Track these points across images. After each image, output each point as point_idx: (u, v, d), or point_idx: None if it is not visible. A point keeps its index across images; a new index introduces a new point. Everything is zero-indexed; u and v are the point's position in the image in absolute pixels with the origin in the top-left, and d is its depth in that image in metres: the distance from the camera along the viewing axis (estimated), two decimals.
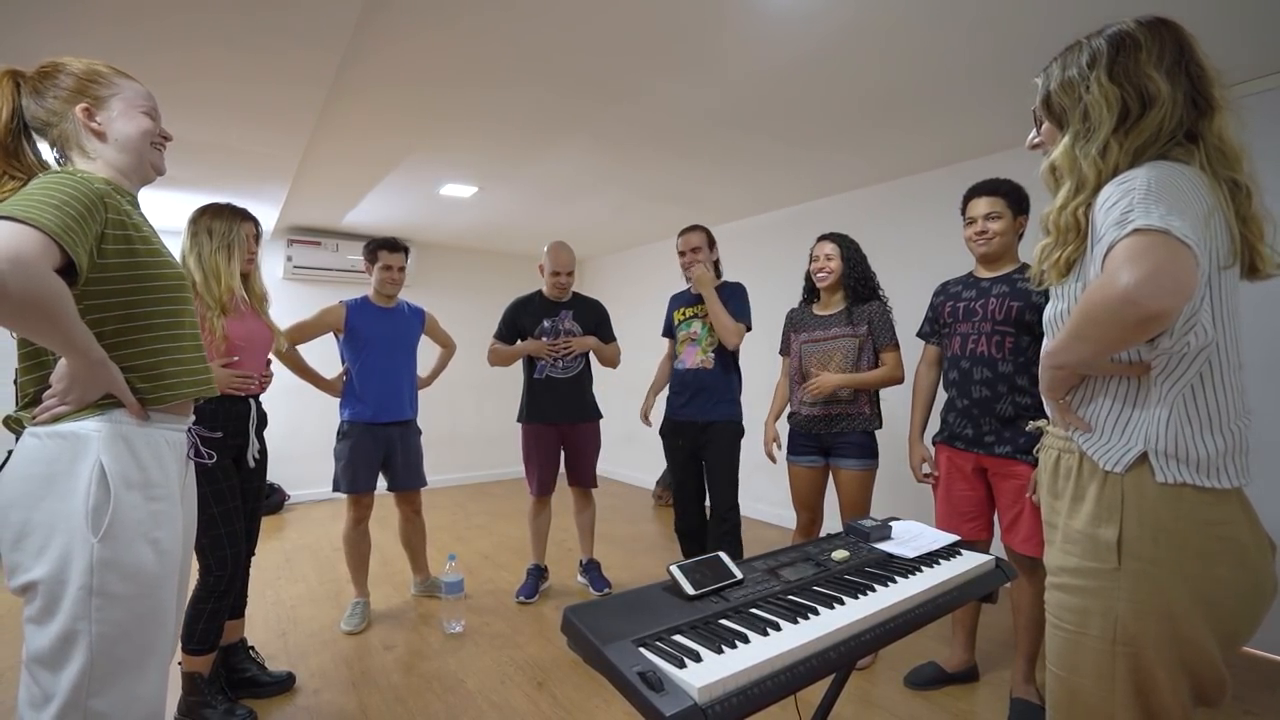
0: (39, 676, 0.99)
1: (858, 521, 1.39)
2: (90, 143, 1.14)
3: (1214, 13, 1.98)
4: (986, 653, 2.34)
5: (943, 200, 3.11)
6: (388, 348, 2.76)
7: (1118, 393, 0.92)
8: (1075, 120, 0.95)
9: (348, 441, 2.70)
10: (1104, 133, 0.91)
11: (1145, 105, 0.89)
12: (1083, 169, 0.92)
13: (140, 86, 1.21)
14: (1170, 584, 0.86)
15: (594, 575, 3.06)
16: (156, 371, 1.13)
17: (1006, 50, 2.19)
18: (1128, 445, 0.90)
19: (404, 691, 2.15)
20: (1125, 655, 0.87)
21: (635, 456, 5.71)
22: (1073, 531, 0.94)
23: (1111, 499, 0.90)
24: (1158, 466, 0.87)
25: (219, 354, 1.92)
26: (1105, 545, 0.90)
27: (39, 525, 1.00)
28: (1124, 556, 0.88)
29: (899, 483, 3.31)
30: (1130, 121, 0.90)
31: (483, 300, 5.50)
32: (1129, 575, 0.88)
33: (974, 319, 1.98)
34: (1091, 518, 0.92)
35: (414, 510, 2.92)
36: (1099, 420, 0.94)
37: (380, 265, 2.74)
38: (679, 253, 2.77)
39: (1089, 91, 0.92)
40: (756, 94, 2.57)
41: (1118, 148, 0.90)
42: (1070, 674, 0.93)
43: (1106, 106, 0.91)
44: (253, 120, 2.67)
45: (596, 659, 0.86)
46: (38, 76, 1.13)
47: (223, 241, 1.93)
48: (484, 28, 2.06)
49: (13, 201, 0.94)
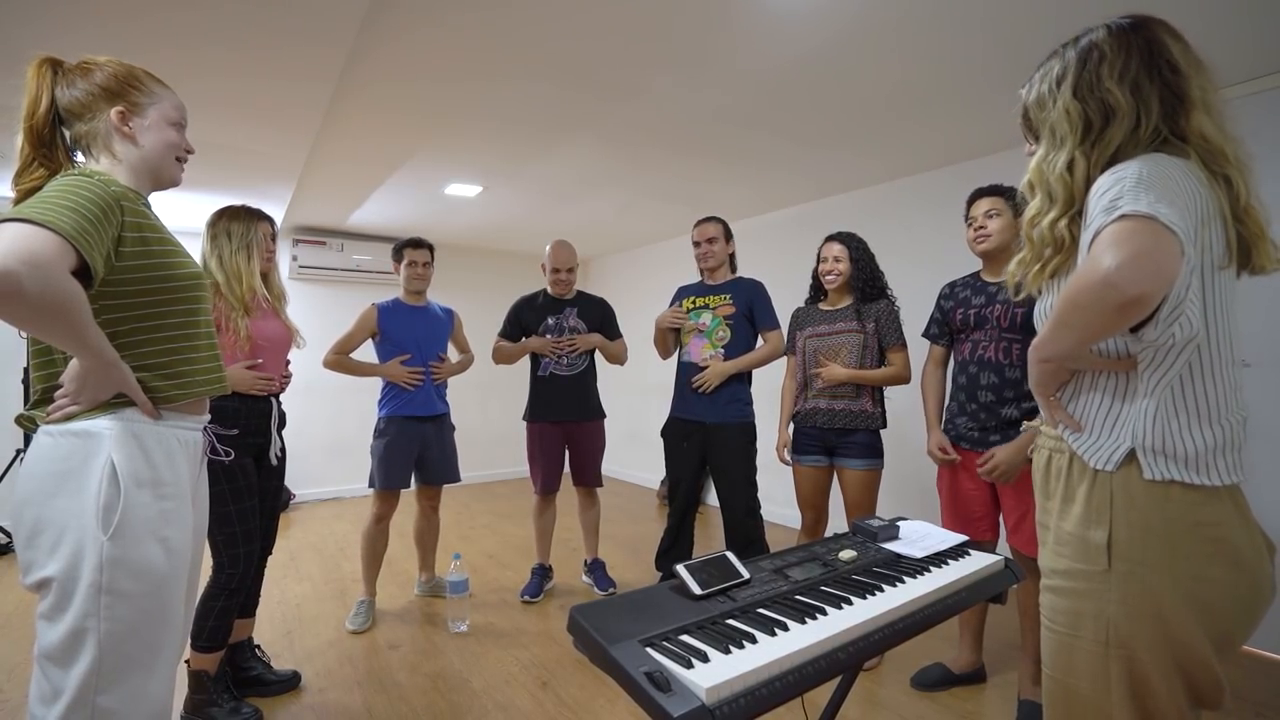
0: (49, 672, 1.00)
1: (865, 521, 1.38)
2: (119, 145, 1.14)
3: (1213, 12, 1.97)
4: (994, 654, 2.32)
5: (950, 199, 3.10)
6: (419, 345, 2.80)
7: (1105, 388, 0.92)
8: (1045, 135, 0.97)
9: (384, 439, 2.73)
10: (1069, 148, 0.93)
11: (1107, 119, 0.90)
12: (1050, 183, 0.94)
13: (176, 98, 1.22)
14: (1160, 586, 0.85)
15: (599, 575, 3.05)
16: (171, 370, 1.13)
17: (1013, 47, 2.17)
18: (1116, 442, 0.89)
19: (409, 691, 2.15)
20: (1119, 658, 0.87)
21: (640, 456, 5.70)
22: (1063, 533, 0.94)
23: (1100, 500, 0.89)
24: (1145, 463, 0.87)
25: (243, 354, 1.95)
26: (1095, 547, 0.89)
27: (51, 522, 1.00)
28: (1114, 558, 0.87)
29: (904, 483, 3.29)
30: (1094, 134, 0.91)
31: (487, 300, 5.48)
32: (1119, 577, 0.87)
33: (985, 326, 1.98)
34: (1081, 519, 0.91)
35: (433, 506, 2.95)
36: (1088, 417, 0.93)
37: (406, 262, 2.83)
38: (694, 243, 2.72)
39: (1054, 108, 0.95)
40: (762, 92, 2.56)
41: (1085, 161, 0.92)
42: (1065, 676, 0.93)
43: (1069, 123, 0.93)
44: (258, 119, 2.68)
45: (603, 659, 0.85)
46: (77, 70, 1.13)
47: (242, 242, 1.97)
48: (489, 26, 2.06)
49: (31, 204, 0.95)
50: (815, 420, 2.36)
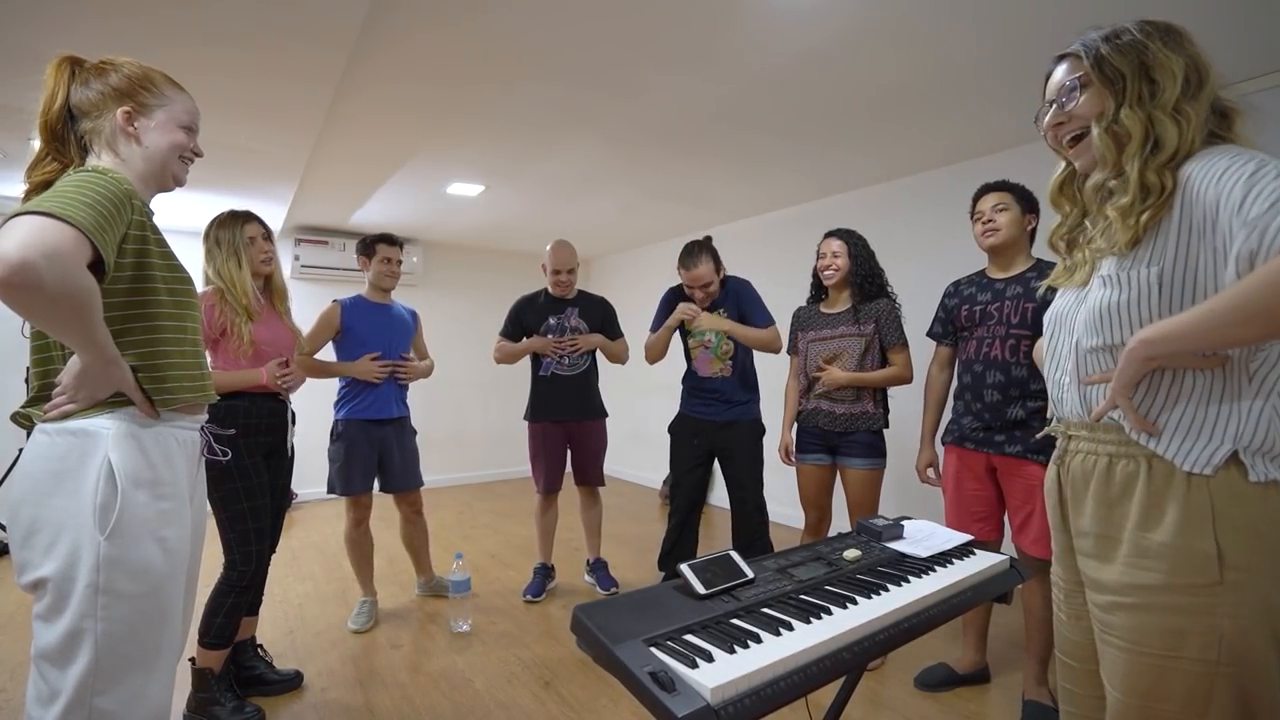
0: (46, 673, 0.99)
1: (870, 520, 1.38)
2: (123, 145, 1.14)
3: (1214, 12, 1.97)
4: (998, 654, 2.31)
5: (951, 198, 3.09)
6: (380, 345, 2.71)
7: (1196, 387, 0.85)
8: (1135, 81, 0.90)
9: (342, 443, 2.66)
10: (1173, 94, 0.87)
11: (1202, 79, 0.87)
12: (1163, 126, 0.87)
13: (190, 103, 1.22)
14: (1272, 594, 0.80)
15: (601, 574, 3.05)
16: (157, 374, 1.12)
17: (1015, 47, 2.16)
18: (1215, 444, 0.83)
19: (411, 690, 2.15)
20: (1227, 675, 0.80)
21: (642, 456, 5.69)
22: (1152, 545, 0.86)
23: (1200, 503, 0.83)
24: (1249, 464, 0.81)
25: (246, 359, 1.95)
26: (1203, 557, 0.82)
27: (48, 522, 1.00)
28: (1225, 568, 0.81)
29: (908, 482, 3.28)
30: (1192, 91, 0.88)
31: (489, 299, 5.50)
32: (1231, 588, 0.80)
33: (989, 322, 1.96)
34: (1178, 529, 0.84)
35: (415, 511, 2.89)
36: (1173, 420, 0.87)
37: (379, 258, 2.73)
38: (688, 286, 2.61)
39: (1150, 55, 0.89)
40: (764, 91, 2.55)
41: (1192, 114, 0.86)
42: (1148, 701, 0.86)
43: (1173, 70, 0.88)
44: (261, 119, 2.68)
45: (607, 658, 0.85)
46: (93, 70, 1.14)
47: (230, 249, 1.98)
48: (491, 25, 2.05)
49: (47, 197, 0.95)
50: (817, 421, 2.36)
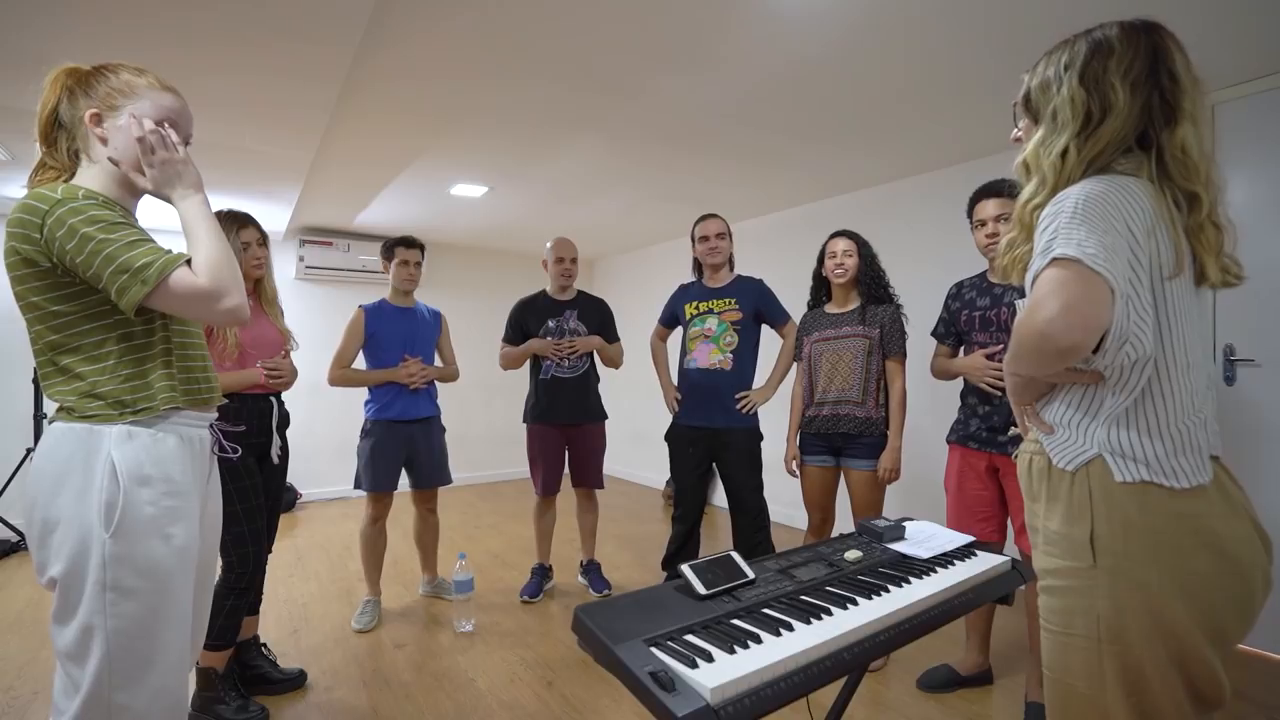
0: (68, 668, 1.02)
1: (871, 521, 1.38)
2: (95, 148, 1.12)
3: (1211, 14, 1.96)
4: (1001, 655, 2.31)
5: (955, 198, 3.06)
6: (407, 347, 2.77)
7: (1073, 400, 0.95)
8: (1046, 119, 0.98)
9: (370, 440, 2.71)
10: (1067, 135, 0.94)
11: (1105, 114, 0.91)
12: (1044, 168, 0.96)
13: (166, 99, 1.15)
14: (1147, 578, 0.85)
15: (594, 576, 3.05)
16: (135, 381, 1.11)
17: (1019, 46, 2.16)
18: (1083, 446, 0.92)
19: (414, 690, 2.15)
20: (1112, 653, 0.87)
21: (645, 457, 5.70)
22: (1050, 532, 0.95)
23: (1080, 496, 0.91)
24: (1114, 467, 0.89)
25: (231, 360, 1.96)
26: (1079, 543, 0.90)
27: (57, 522, 1.02)
28: (1098, 553, 0.88)
29: (912, 483, 3.27)
30: (1091, 128, 0.92)
31: (492, 300, 5.51)
32: (1105, 572, 0.88)
33: (990, 329, 1.98)
34: (1064, 517, 0.92)
35: (429, 509, 2.93)
36: (1058, 421, 0.96)
37: (398, 261, 2.77)
38: (701, 238, 2.67)
39: (1059, 93, 0.95)
40: (768, 91, 2.55)
41: (1075, 154, 0.93)
42: (1063, 675, 0.93)
43: (1071, 110, 0.93)
44: (265, 120, 2.69)
45: (608, 658, 0.85)
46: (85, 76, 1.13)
47: None
48: (495, 25, 2.06)
49: (140, 254, 1.03)
50: (819, 426, 2.36)
